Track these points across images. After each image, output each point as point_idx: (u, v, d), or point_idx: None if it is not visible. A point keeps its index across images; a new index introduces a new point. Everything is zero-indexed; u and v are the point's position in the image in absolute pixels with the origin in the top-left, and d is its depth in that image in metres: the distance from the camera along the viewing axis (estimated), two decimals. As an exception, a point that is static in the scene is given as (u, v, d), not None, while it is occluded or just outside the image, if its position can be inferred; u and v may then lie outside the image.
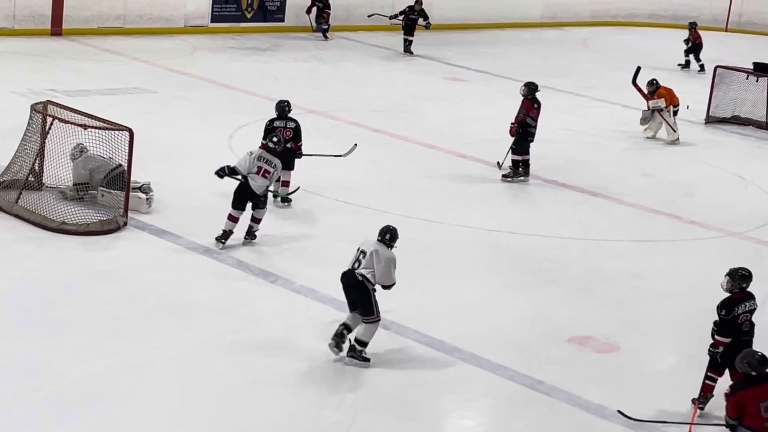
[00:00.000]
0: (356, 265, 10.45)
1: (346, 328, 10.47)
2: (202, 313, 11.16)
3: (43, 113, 13.44)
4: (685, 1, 37.21)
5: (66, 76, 20.66)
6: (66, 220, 12.92)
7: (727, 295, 10.15)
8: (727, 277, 10.20)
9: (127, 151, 13.14)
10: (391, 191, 15.79)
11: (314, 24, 27.80)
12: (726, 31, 36.75)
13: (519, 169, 16.85)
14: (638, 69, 20.56)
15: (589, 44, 31.89)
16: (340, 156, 15.56)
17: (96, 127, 13.23)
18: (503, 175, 16.78)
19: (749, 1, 37.64)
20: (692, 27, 28.54)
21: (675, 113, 20.53)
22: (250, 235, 13.15)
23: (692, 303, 12.75)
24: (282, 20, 28.26)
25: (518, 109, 16.87)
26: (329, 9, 27.83)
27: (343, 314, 10.79)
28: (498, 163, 17.18)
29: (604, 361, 11.08)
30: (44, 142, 13.50)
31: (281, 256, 12.94)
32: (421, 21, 26.88)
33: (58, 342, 10.22)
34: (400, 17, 26.87)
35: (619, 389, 10.44)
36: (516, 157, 16.84)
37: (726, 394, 8.81)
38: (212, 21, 27.04)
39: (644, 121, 20.55)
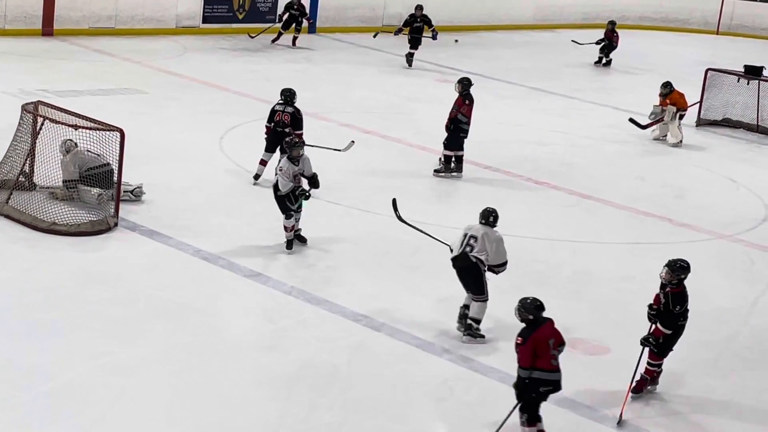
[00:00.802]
0: (468, 248, 11.25)
1: (467, 308, 11.35)
2: (192, 314, 11.15)
3: (33, 113, 13.41)
4: (676, 4, 37.30)
5: (57, 76, 20.63)
6: (56, 221, 12.90)
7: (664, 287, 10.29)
8: (666, 268, 10.23)
9: (118, 151, 13.12)
10: (383, 192, 15.79)
11: (283, 30, 26.67)
12: (717, 33, 36.83)
13: (451, 165, 16.94)
14: (632, 120, 20.71)
15: (580, 47, 31.90)
16: (338, 150, 15.61)
17: (87, 128, 13.22)
18: (435, 170, 16.88)
19: (740, 4, 37.73)
20: (611, 26, 29.05)
21: (681, 117, 20.68)
22: (301, 239, 13.39)
23: (683, 305, 12.80)
24: (274, 21, 28.23)
25: (452, 106, 16.94)
26: (307, 16, 27.16)
27: (335, 316, 10.79)
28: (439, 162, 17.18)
29: (594, 362, 11.09)
30: (35, 143, 13.48)
31: (273, 257, 12.94)
32: (426, 32, 25.57)
33: (47, 343, 10.20)
34: (405, 30, 25.68)
35: (609, 391, 10.44)
36: (448, 153, 16.94)
37: (518, 344, 9.34)
38: (204, 22, 27.01)
39: (654, 116, 20.76)
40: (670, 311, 10.18)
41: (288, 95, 15.72)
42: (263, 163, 15.53)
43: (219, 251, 12.82)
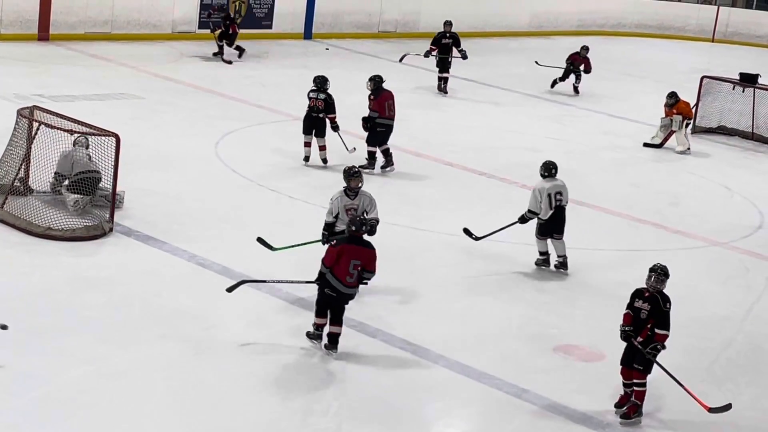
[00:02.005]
0: (558, 202, 13.53)
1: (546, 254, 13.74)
2: (187, 320, 11.14)
3: (29, 118, 13.40)
4: (672, 11, 37.42)
5: (53, 81, 20.63)
6: (51, 226, 12.89)
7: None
8: (654, 274, 10.17)
9: (113, 156, 13.12)
10: (377, 198, 15.77)
11: (220, 42, 24.72)
12: (713, 41, 36.92)
13: (373, 160, 17.23)
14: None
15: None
16: (348, 150, 16.99)
17: (82, 133, 13.23)
18: (360, 167, 16.84)
19: (736, 11, 37.86)
20: (584, 51, 25.32)
21: (687, 125, 20.84)
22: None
23: (677, 312, 12.74)
24: (270, 27, 28.28)
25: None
26: (236, 26, 25.31)
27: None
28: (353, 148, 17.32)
29: (589, 369, 11.09)
30: (30, 147, 13.47)
31: (266, 262, 12.91)
32: (455, 52, 23.75)
33: (41, 347, 10.18)
34: (434, 51, 23.69)
35: (605, 398, 10.44)
36: (371, 149, 17.26)
37: (332, 245, 10.76)
38: (200, 27, 27.01)
39: (665, 129, 20.93)
40: (664, 312, 10.13)
41: (320, 82, 16.90)
42: (307, 144, 17.00)
43: (214, 256, 12.82)
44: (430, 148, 18.76)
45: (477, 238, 13.83)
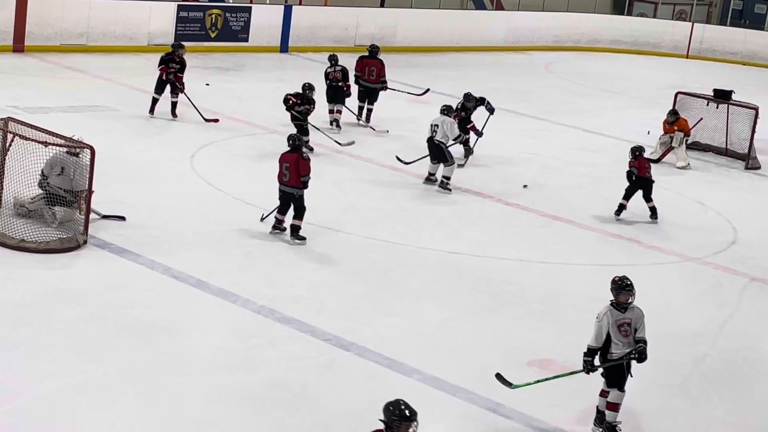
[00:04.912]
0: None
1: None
2: (161, 333, 11.10)
3: (3, 130, 13.33)
4: (647, 28, 37.63)
5: (27, 92, 20.56)
6: (25, 238, 12.84)
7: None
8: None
9: (88, 169, 13.06)
10: (353, 212, 15.81)
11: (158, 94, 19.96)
12: (687, 57, 37.12)
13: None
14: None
15: (551, 69, 32.10)
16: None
17: (57, 145, 13.17)
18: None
19: (710, 28, 38.10)
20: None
21: (685, 141, 21.34)
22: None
23: (651, 327, 12.78)
24: (246, 40, 28.26)
25: None
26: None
27: (305, 335, 10.78)
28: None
29: (563, 384, 11.09)
30: (4, 159, 13.40)
31: (242, 275, 12.91)
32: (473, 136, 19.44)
33: (14, 360, 10.13)
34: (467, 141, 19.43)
35: (579, 412, 10.46)
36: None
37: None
38: (176, 40, 26.94)
39: (663, 145, 21.31)
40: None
41: (334, 59, 20.99)
42: (331, 111, 20.70)
43: (189, 269, 12.78)
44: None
45: (407, 163, 15.92)
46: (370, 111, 21.47)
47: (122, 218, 13.95)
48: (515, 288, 13.67)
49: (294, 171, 13.95)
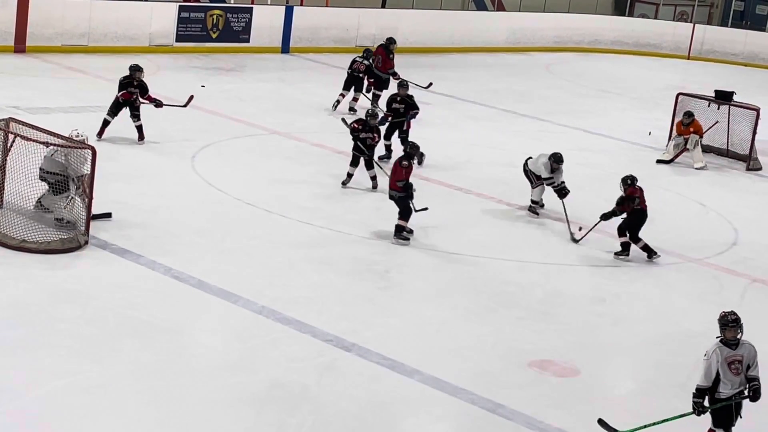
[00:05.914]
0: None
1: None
2: (162, 333, 11.11)
3: (4, 130, 13.35)
4: (648, 28, 37.58)
5: (29, 93, 20.56)
6: (26, 238, 12.84)
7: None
8: None
9: (89, 169, 13.07)
10: (353, 213, 15.81)
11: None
12: (688, 58, 37.09)
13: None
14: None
15: (552, 69, 32.08)
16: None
17: (58, 145, 13.18)
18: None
19: (711, 29, 38.05)
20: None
21: (699, 143, 21.48)
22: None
23: (652, 328, 12.85)
24: (247, 41, 28.26)
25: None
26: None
27: (305, 335, 10.77)
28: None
29: (564, 385, 11.11)
30: (6, 160, 13.42)
31: (243, 276, 12.91)
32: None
33: (15, 361, 10.14)
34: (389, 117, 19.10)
35: (579, 413, 10.46)
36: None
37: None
38: (177, 40, 27.00)
39: (677, 147, 21.48)
40: None
41: (367, 52, 22.19)
42: (342, 95, 21.86)
43: (190, 270, 12.79)
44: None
45: (576, 241, 15.61)
46: (377, 97, 22.02)
47: (108, 215, 13.87)
48: (515, 289, 13.67)
49: (393, 174, 14.94)
